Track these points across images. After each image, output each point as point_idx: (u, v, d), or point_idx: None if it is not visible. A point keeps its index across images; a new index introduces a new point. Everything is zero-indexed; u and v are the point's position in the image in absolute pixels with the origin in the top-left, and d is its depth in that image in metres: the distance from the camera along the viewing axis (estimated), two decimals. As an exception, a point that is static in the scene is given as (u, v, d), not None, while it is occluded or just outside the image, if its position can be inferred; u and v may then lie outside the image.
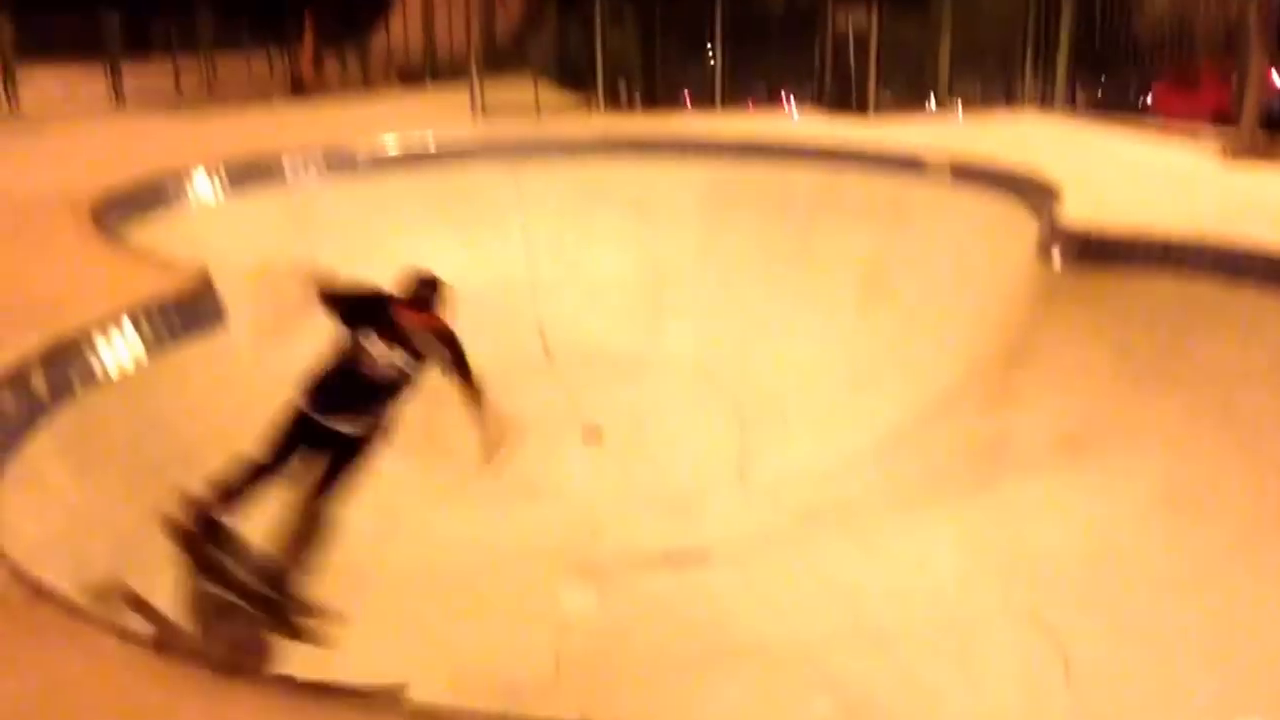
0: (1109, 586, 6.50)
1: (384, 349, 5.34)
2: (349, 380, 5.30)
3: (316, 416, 5.17)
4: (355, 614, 6.39)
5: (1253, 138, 11.76)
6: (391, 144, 13.04)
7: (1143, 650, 5.89)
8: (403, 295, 5.66)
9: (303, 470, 5.19)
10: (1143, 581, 6.41)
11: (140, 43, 19.85)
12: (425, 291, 5.73)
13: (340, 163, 12.25)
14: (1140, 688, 5.72)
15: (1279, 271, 7.26)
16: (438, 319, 5.66)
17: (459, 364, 5.55)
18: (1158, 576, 6.38)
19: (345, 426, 5.22)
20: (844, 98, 17.73)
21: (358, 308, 5.50)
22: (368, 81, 22.56)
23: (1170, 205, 9.55)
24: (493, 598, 7.00)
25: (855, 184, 12.68)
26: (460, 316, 5.92)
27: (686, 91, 19.03)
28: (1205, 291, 7.62)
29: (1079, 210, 9.17)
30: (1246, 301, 7.31)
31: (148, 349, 6.35)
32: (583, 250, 12.45)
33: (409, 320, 5.47)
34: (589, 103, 18.06)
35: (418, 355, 5.44)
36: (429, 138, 13.57)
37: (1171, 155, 12.46)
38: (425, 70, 24.07)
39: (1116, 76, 17.78)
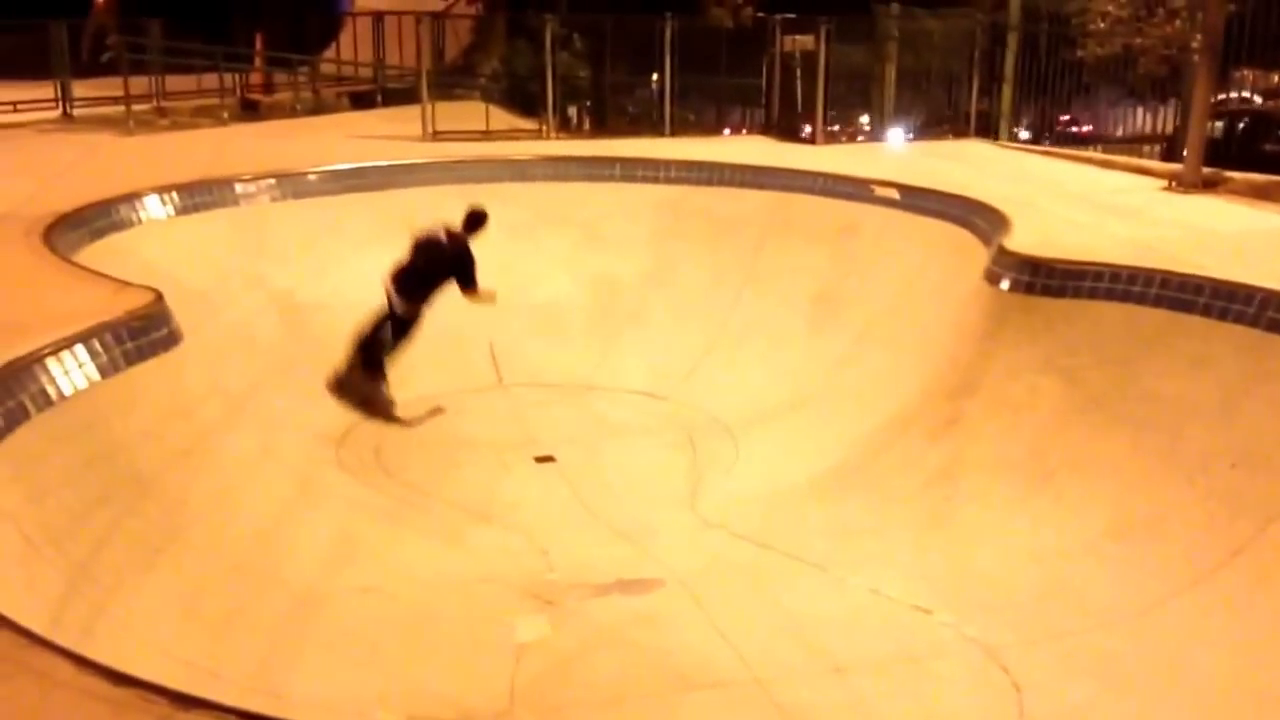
0: (1059, 618, 6.57)
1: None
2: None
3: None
4: (310, 640, 6.37)
5: (1197, 169, 12.02)
6: (343, 165, 12.98)
7: (1092, 684, 5.96)
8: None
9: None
10: (1092, 614, 6.49)
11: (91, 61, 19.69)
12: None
13: (292, 184, 12.17)
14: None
15: (1226, 301, 7.41)
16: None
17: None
18: (1106, 609, 6.48)
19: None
20: (791, 122, 17.92)
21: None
22: (318, 103, 22.43)
23: (1117, 234, 9.74)
24: (446, 624, 6.95)
25: (804, 208, 12.80)
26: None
27: (635, 115, 19.11)
28: (1153, 321, 7.77)
29: (1028, 238, 9.31)
30: (1195, 332, 7.47)
31: (101, 371, 6.28)
32: (532, 272, 12.44)
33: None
34: (539, 125, 18.09)
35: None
36: (380, 159, 13.54)
37: (1116, 184, 12.71)
38: (375, 92, 23.99)
39: (1056, 107, 18.15)
